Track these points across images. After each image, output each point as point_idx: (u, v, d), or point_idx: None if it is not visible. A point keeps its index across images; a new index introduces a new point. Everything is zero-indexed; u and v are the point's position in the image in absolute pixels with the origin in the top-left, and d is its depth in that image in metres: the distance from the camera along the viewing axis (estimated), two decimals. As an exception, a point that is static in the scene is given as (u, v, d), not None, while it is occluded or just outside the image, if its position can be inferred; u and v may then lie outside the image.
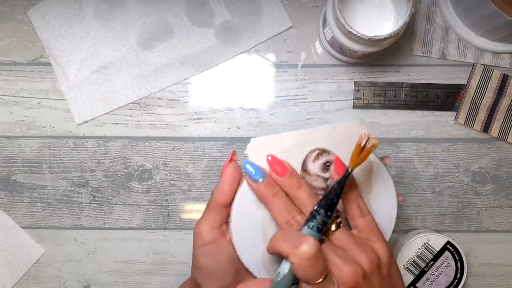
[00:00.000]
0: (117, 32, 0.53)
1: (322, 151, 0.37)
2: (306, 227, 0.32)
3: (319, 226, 0.32)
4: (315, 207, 0.32)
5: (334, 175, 0.35)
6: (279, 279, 0.32)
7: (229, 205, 0.37)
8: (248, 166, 0.35)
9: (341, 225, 0.33)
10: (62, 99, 0.53)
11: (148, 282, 0.54)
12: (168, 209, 0.54)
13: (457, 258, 0.49)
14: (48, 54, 0.53)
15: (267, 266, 0.37)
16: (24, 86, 0.54)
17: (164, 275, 0.54)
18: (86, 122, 0.53)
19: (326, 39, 0.50)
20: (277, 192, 0.34)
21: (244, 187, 0.36)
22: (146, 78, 0.53)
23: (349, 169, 0.33)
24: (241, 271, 0.38)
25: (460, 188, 0.53)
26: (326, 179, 0.37)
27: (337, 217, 0.34)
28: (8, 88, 0.54)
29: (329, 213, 0.32)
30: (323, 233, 0.32)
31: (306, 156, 0.36)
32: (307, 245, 0.30)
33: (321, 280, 0.30)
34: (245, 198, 0.37)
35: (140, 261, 0.54)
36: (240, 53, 0.53)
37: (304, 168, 0.36)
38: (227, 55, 0.53)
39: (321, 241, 0.32)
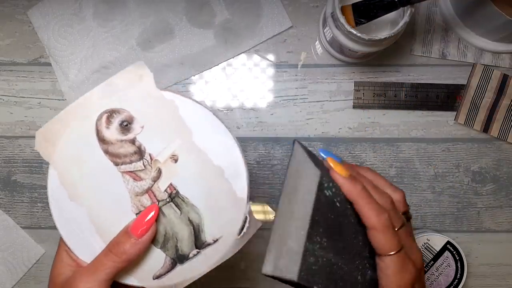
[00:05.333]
0: (117, 32, 0.53)
1: (111, 112, 0.32)
2: None
3: None
4: None
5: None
6: None
7: None
8: None
9: None
10: (62, 99, 0.53)
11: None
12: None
13: (457, 258, 0.49)
14: (48, 54, 0.53)
15: None
16: (24, 86, 0.54)
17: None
18: (86, 122, 0.53)
19: (326, 39, 0.50)
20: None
21: (51, 191, 0.32)
22: (146, 78, 0.53)
23: None
24: None
25: (460, 188, 0.53)
26: (133, 141, 0.32)
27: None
28: (8, 88, 0.54)
29: None
30: None
31: (97, 125, 0.32)
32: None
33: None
34: (61, 202, 0.32)
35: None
36: (240, 53, 0.53)
37: (101, 139, 0.32)
38: (227, 55, 0.53)
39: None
